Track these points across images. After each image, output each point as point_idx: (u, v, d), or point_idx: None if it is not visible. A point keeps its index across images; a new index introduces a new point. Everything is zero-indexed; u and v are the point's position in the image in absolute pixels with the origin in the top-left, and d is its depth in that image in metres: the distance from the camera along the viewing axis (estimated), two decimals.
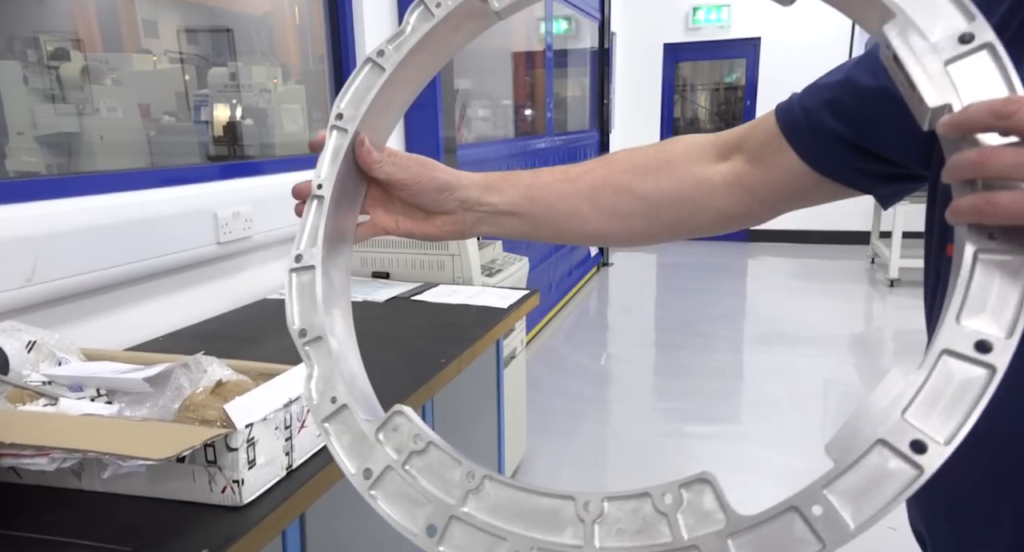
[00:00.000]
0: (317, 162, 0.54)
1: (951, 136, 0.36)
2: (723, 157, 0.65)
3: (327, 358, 0.48)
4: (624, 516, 0.37)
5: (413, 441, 0.43)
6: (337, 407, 0.46)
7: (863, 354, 3.91)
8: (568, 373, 3.61)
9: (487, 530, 0.39)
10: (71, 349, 0.97)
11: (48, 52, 1.84)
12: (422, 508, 0.41)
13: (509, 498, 0.40)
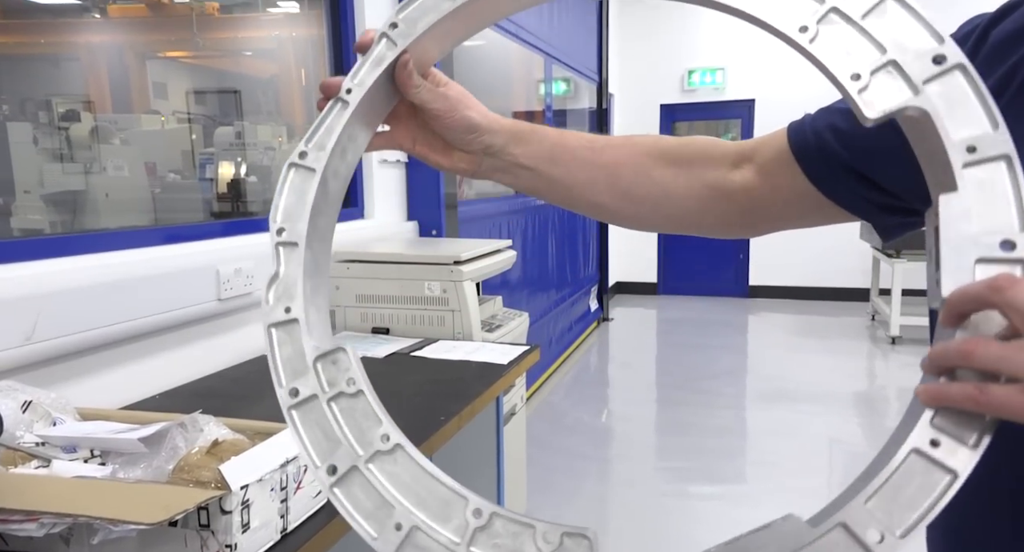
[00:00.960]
0: (356, 64, 0.51)
1: (947, 325, 0.37)
2: (736, 165, 0.66)
3: (296, 267, 0.47)
4: (506, 534, 0.40)
5: (347, 383, 0.44)
6: (288, 318, 0.46)
7: (867, 413, 3.86)
8: (569, 430, 3.56)
9: (381, 492, 0.41)
10: (66, 409, 0.96)
11: (59, 113, 1.89)
12: (332, 445, 0.43)
13: (413, 473, 0.42)
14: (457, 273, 1.96)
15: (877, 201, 0.60)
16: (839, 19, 0.40)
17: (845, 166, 0.59)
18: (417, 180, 2.65)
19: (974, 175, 0.37)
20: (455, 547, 0.41)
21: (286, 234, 0.48)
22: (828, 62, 0.39)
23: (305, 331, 0.45)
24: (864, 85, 0.39)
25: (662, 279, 7.15)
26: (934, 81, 0.37)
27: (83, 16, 2.72)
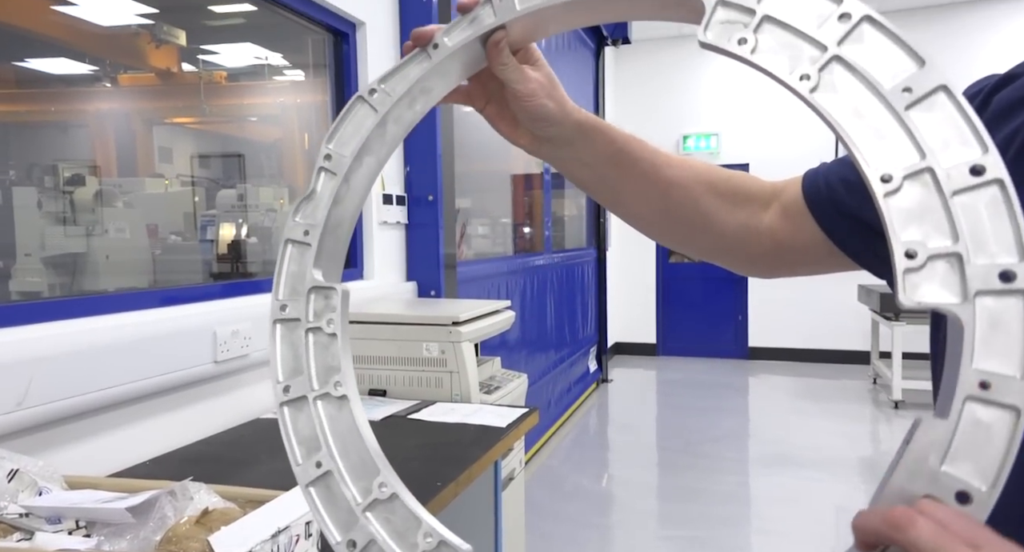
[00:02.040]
0: (455, 20, 0.51)
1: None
2: (767, 206, 0.67)
3: (328, 193, 0.50)
4: (399, 516, 0.45)
5: (327, 322, 0.48)
6: (304, 240, 0.50)
7: (873, 480, 3.77)
8: (568, 496, 3.47)
9: (317, 428, 0.48)
10: (53, 477, 0.93)
11: (65, 178, 1.93)
12: (295, 369, 0.49)
13: (348, 426, 0.46)
14: (455, 334, 1.95)
15: (885, 256, 0.60)
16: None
17: (856, 219, 0.60)
18: (416, 241, 2.68)
19: (973, 414, 0.33)
20: (355, 505, 0.45)
21: (331, 162, 0.50)
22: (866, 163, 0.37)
23: (313, 257, 0.49)
24: (896, 188, 0.36)
25: (661, 340, 7.12)
26: (990, 296, 0.33)
27: (94, 85, 2.81)
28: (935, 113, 0.36)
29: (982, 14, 5.99)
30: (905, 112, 0.36)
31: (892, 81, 0.37)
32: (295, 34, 2.39)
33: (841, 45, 0.38)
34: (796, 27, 0.39)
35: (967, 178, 0.34)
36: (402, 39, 2.62)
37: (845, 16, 0.38)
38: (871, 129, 0.37)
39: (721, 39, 0.41)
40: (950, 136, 0.35)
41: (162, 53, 2.76)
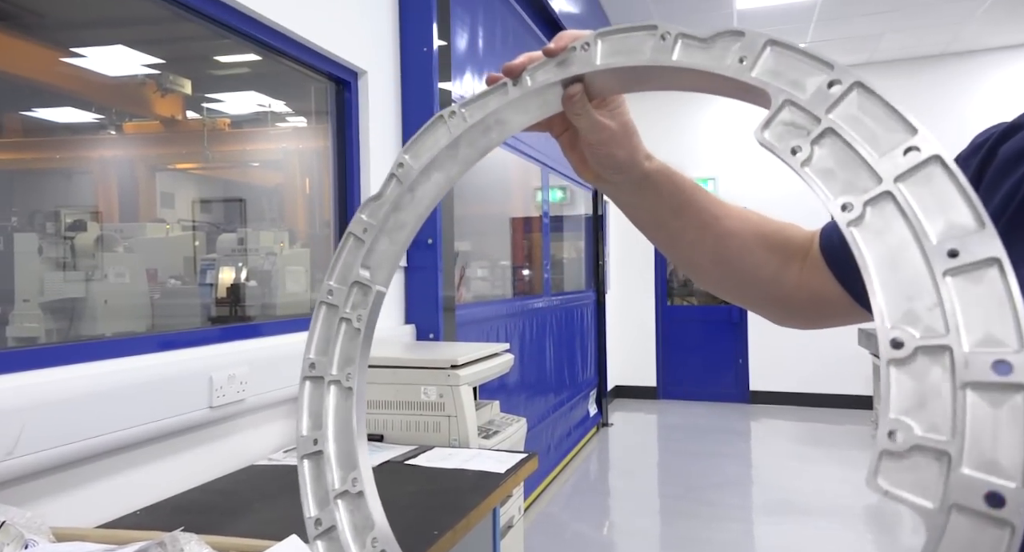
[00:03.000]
0: (543, 60, 0.54)
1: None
2: (801, 256, 0.68)
3: (393, 197, 0.55)
4: (360, 512, 0.49)
5: (356, 318, 0.54)
6: (360, 235, 0.55)
7: (879, 529, 3.70)
8: (568, 544, 3.39)
9: (324, 407, 0.53)
10: (40, 529, 0.92)
11: (66, 224, 1.94)
12: (324, 347, 0.55)
13: (346, 414, 0.53)
14: (454, 377, 1.94)
15: None
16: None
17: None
18: (415, 283, 2.68)
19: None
20: (331, 490, 0.50)
21: (402, 170, 0.55)
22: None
23: (364, 253, 0.54)
24: (904, 357, 0.32)
25: (661, 383, 7.07)
26: (967, 516, 0.29)
27: (99, 133, 2.85)
28: (977, 288, 0.31)
29: (970, 65, 6.13)
30: (943, 278, 0.32)
31: (940, 237, 0.32)
32: (298, 82, 2.45)
33: (899, 182, 0.35)
34: (857, 149, 0.36)
35: (987, 372, 0.29)
36: (403, 87, 2.67)
37: (913, 150, 0.35)
38: (901, 285, 0.33)
39: (778, 142, 0.39)
40: (986, 319, 0.30)
41: (167, 101, 2.81)
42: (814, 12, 5.19)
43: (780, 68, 0.42)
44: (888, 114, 0.36)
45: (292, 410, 1.95)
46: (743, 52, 0.43)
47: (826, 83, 0.39)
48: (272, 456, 1.81)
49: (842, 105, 0.38)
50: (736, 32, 0.45)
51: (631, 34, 0.49)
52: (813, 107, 0.39)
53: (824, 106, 0.38)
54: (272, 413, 1.86)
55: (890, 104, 0.36)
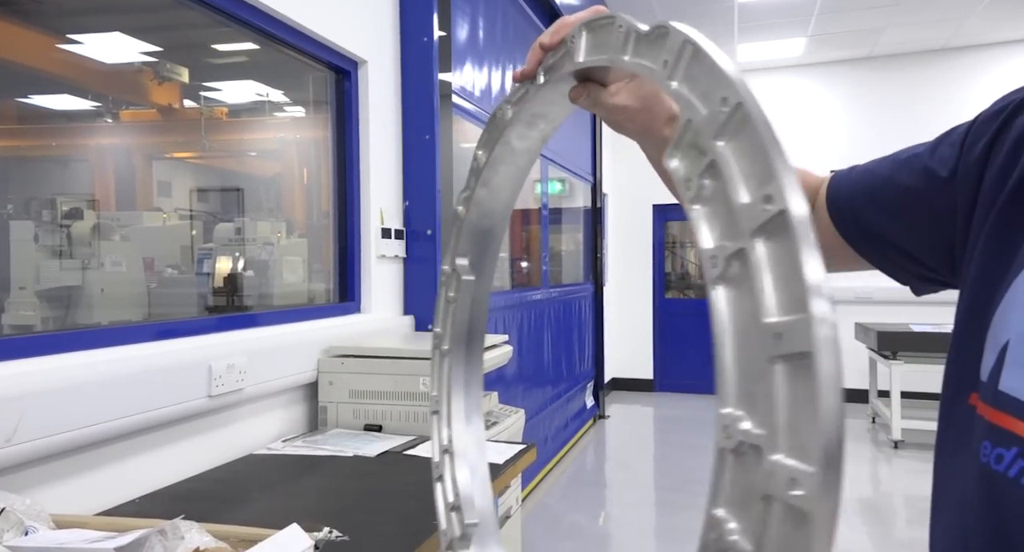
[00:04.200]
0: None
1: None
2: (809, 204, 0.66)
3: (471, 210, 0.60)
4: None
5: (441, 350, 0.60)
6: (449, 272, 0.59)
7: (874, 521, 3.72)
8: (564, 535, 3.40)
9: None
10: (40, 516, 0.91)
11: (63, 212, 1.93)
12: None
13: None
14: None
15: (911, 270, 0.62)
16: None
17: (880, 236, 0.61)
18: (414, 275, 2.68)
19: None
20: (439, 445, 0.57)
21: (475, 163, 0.58)
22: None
23: (455, 240, 0.60)
24: (732, 446, 0.29)
25: (658, 376, 7.08)
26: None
27: (96, 120, 2.83)
28: (790, 384, 0.26)
29: (972, 59, 6.12)
30: (770, 365, 0.27)
31: (773, 315, 0.27)
32: (297, 72, 2.43)
33: (754, 237, 0.28)
34: (729, 190, 0.30)
35: (787, 485, 0.26)
36: (403, 77, 2.66)
37: (769, 199, 0.28)
38: (739, 367, 0.28)
39: (681, 168, 0.33)
40: (796, 420, 0.26)
41: (164, 90, 2.79)
42: (815, 6, 5.17)
43: (697, 75, 0.34)
44: (760, 148, 0.29)
45: (291, 400, 1.95)
46: (668, 54, 0.36)
47: (720, 99, 0.31)
48: (271, 445, 1.80)
49: (728, 131, 0.30)
50: (662, 28, 0.38)
51: (610, 26, 0.44)
52: (704, 131, 0.32)
53: (712, 131, 0.31)
54: (271, 402, 1.85)
55: (763, 134, 0.29)
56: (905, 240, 0.60)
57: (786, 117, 6.37)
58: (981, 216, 0.52)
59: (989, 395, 0.47)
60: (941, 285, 0.63)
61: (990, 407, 0.46)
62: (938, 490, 0.54)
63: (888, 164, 0.62)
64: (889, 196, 0.60)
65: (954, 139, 0.57)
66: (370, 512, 1.28)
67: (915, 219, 0.58)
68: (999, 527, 0.44)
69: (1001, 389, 0.46)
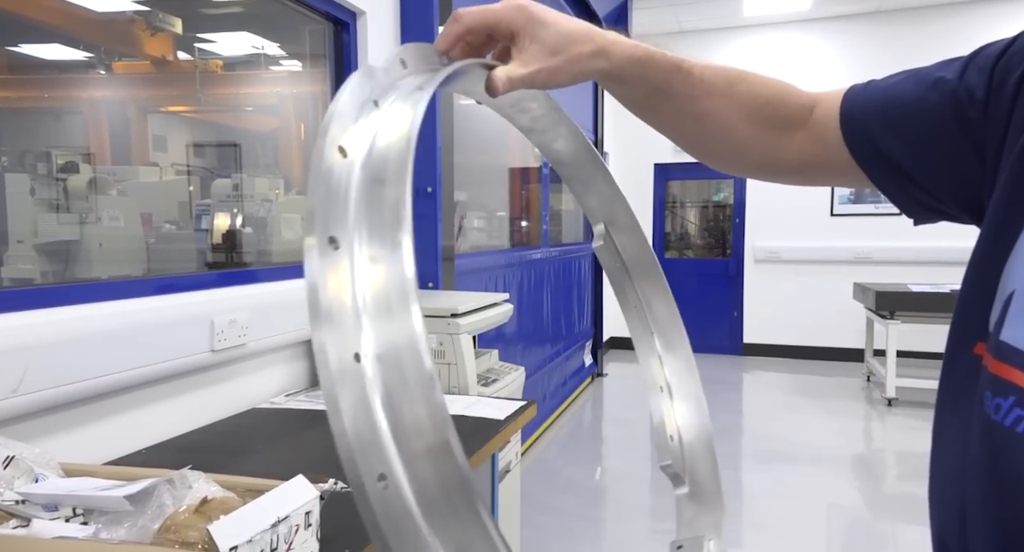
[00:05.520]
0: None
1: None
2: (800, 122, 0.65)
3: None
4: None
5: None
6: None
7: (866, 476, 3.79)
8: (562, 489, 3.47)
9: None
10: (50, 464, 0.92)
11: (58, 165, 1.90)
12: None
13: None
14: (454, 326, 1.94)
15: (919, 198, 0.60)
16: None
17: (894, 162, 0.59)
18: (415, 233, 2.66)
19: None
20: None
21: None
22: None
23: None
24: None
25: None
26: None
27: (88, 72, 2.77)
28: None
29: (981, 13, 5.99)
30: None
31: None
32: (293, 23, 2.37)
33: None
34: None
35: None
36: (403, 28, 2.59)
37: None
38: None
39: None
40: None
41: (157, 41, 2.72)
42: None
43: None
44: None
45: (293, 355, 1.96)
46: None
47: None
48: (274, 400, 1.82)
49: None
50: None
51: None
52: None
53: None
54: (273, 358, 1.86)
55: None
56: (920, 169, 0.57)
57: (793, 73, 6.27)
58: (1005, 157, 0.50)
59: (993, 346, 0.46)
60: (944, 216, 0.61)
61: (993, 358, 0.46)
62: (938, 440, 0.54)
63: (912, 86, 0.58)
64: (911, 122, 0.57)
65: (983, 64, 0.53)
66: None
67: (936, 149, 0.55)
68: (997, 476, 0.44)
69: (1003, 339, 0.45)
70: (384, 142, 0.39)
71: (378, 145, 0.39)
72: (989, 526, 0.45)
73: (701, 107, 0.65)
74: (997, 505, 0.44)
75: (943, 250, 5.23)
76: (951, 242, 4.73)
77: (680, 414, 0.60)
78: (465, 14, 0.54)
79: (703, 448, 0.58)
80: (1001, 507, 0.44)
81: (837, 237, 6.46)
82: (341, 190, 0.36)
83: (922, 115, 0.56)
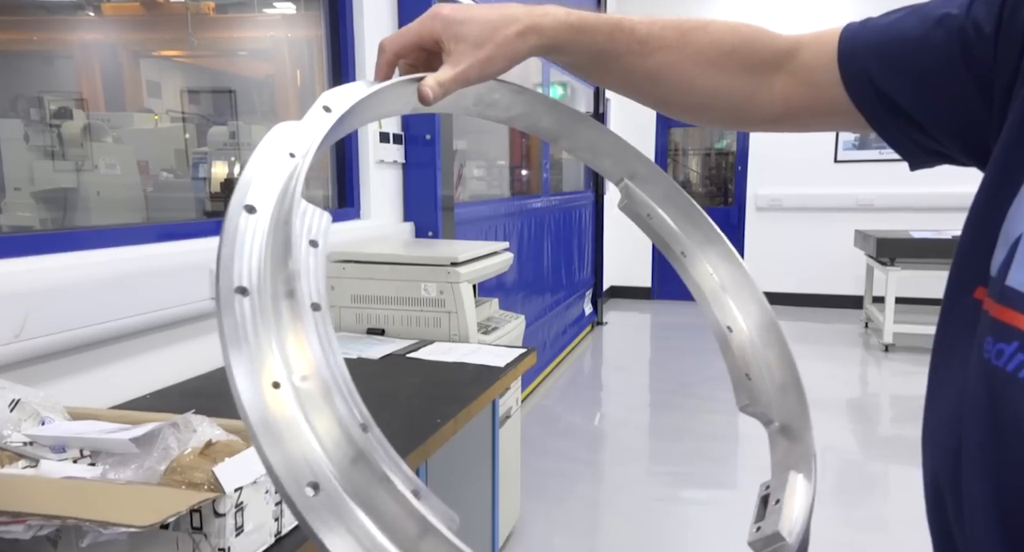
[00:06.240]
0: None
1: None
2: (779, 68, 0.63)
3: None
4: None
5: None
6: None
7: (861, 420, 3.86)
8: (562, 434, 3.54)
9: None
10: (55, 408, 0.94)
11: (51, 111, 1.87)
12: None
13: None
14: (454, 275, 1.95)
15: (920, 141, 0.58)
16: None
17: (896, 104, 0.56)
18: (414, 181, 2.64)
19: None
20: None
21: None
22: None
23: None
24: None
25: (656, 284, 7.15)
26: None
27: (77, 14, 2.70)
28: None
29: None
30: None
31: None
32: None
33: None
34: None
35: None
36: None
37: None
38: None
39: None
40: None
41: None
42: None
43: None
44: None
45: None
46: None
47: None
48: None
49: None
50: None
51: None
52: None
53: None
54: None
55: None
56: (923, 110, 0.55)
57: (789, 19, 6.10)
58: (1015, 94, 0.49)
59: (996, 290, 0.46)
60: (945, 160, 0.58)
61: (995, 302, 0.46)
62: (935, 385, 0.54)
63: (915, 22, 0.55)
64: (914, 60, 0.54)
65: None
66: (376, 410, 1.32)
67: (940, 89, 0.53)
68: (996, 422, 0.44)
69: (1008, 284, 0.45)
70: (290, 192, 0.41)
71: (286, 197, 0.40)
72: (985, 470, 0.45)
73: (654, 62, 0.63)
74: (994, 450, 0.44)
75: (947, 196, 5.19)
76: (955, 187, 4.68)
77: (754, 350, 0.58)
78: (387, 41, 0.56)
79: (787, 378, 0.57)
80: (998, 452, 0.44)
81: (840, 184, 6.40)
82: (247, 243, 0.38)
83: (926, 53, 0.53)
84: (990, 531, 0.44)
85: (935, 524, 0.52)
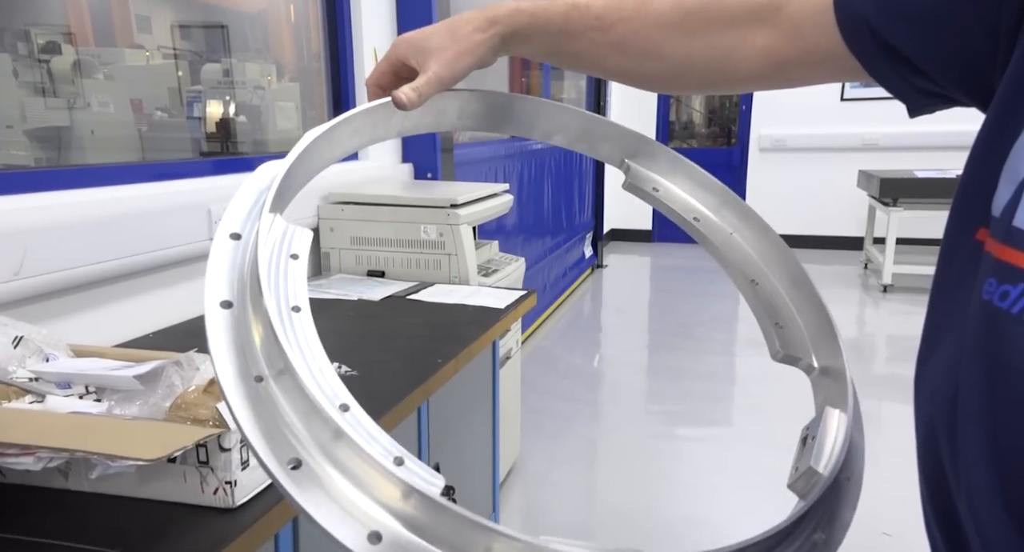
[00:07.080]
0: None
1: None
2: (761, 19, 0.60)
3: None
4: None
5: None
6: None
7: (856, 359, 3.91)
8: (561, 374, 3.60)
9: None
10: (59, 345, 0.95)
11: (39, 45, 1.81)
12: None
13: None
14: (454, 217, 1.94)
15: (921, 86, 0.55)
16: None
17: (898, 52, 0.54)
18: None
19: None
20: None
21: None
22: None
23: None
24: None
25: (656, 226, 7.13)
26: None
27: None
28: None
29: None
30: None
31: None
32: None
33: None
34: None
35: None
36: None
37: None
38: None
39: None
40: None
41: None
42: None
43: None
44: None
45: None
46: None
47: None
48: None
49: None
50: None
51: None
52: None
53: None
54: None
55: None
56: (924, 53, 0.53)
57: None
58: (1023, 33, 0.47)
59: (1000, 231, 0.45)
60: (947, 103, 0.56)
61: (999, 243, 0.45)
62: (932, 326, 0.53)
63: None
64: (917, 7, 0.52)
65: None
66: (377, 351, 1.34)
67: (943, 30, 0.51)
68: (996, 364, 0.44)
69: (1015, 225, 0.44)
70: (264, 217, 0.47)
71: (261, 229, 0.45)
72: (982, 413, 0.45)
73: (616, 34, 0.62)
74: (992, 393, 0.44)
75: (953, 134, 5.08)
76: (962, 126, 4.61)
77: (782, 298, 0.60)
78: (367, 80, 0.66)
79: (820, 321, 0.59)
80: (996, 395, 0.44)
81: (846, 123, 6.30)
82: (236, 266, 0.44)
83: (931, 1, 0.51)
84: (987, 475, 0.44)
85: (927, 469, 0.51)
